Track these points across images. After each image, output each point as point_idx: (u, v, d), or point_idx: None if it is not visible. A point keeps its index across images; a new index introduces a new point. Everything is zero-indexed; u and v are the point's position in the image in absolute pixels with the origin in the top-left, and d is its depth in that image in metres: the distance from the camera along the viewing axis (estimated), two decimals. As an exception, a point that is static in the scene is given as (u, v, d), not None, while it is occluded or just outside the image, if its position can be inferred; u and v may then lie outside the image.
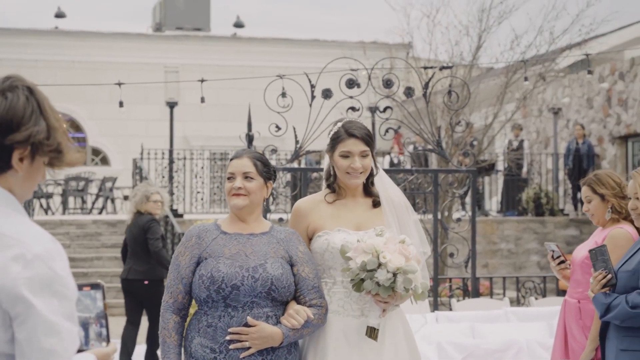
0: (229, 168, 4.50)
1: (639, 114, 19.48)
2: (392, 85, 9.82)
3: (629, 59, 20.17)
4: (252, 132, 9.94)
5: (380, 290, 4.25)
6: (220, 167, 25.41)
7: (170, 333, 4.34)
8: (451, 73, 14.10)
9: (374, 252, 4.27)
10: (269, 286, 4.29)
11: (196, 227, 4.51)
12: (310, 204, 4.72)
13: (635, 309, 4.83)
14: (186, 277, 4.38)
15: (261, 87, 10.14)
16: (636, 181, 5.07)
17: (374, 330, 4.38)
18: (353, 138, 4.60)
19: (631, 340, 4.94)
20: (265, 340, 4.25)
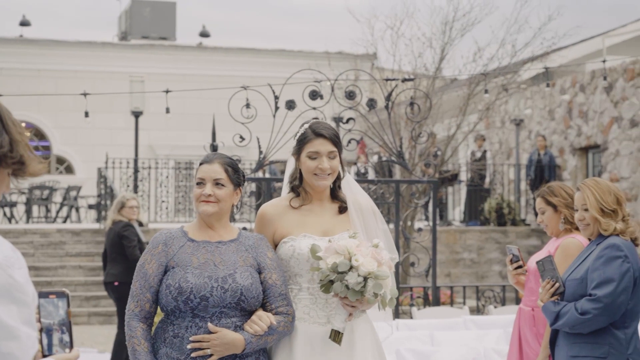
0: (199, 173, 4.36)
1: (599, 126, 19.76)
2: (354, 96, 9.97)
3: (590, 71, 20.47)
4: (216, 142, 10.05)
5: (349, 294, 4.16)
6: (185, 176, 25.45)
7: (140, 340, 4.19)
8: (414, 85, 14.29)
9: (347, 254, 4.19)
10: (238, 297, 4.19)
11: (162, 234, 4.37)
12: (276, 209, 4.58)
13: (585, 315, 4.98)
14: (154, 285, 4.24)
15: (226, 97, 10.27)
16: (584, 193, 5.23)
17: (338, 334, 4.28)
18: (321, 138, 4.51)
19: (581, 346, 5.09)
20: (227, 346, 4.15)
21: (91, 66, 28.59)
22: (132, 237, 11.24)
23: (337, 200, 4.64)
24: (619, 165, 19.04)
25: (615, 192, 5.18)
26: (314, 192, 4.59)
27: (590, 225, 5.20)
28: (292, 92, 9.78)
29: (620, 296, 4.98)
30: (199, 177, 4.36)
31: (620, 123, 19.04)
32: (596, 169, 20.45)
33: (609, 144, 19.42)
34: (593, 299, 4.99)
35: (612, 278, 4.99)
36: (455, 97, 19.88)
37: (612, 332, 5.04)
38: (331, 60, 22.27)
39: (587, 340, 5.07)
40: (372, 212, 4.65)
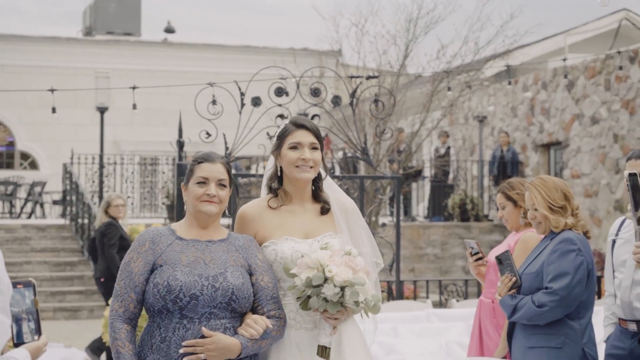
0: (201, 172, 4.20)
1: (561, 123, 20.02)
2: (319, 93, 10.08)
3: (552, 69, 20.73)
4: (182, 139, 10.12)
5: (328, 307, 4.05)
6: (150, 172, 25.46)
7: (124, 343, 4.02)
8: (378, 82, 14.44)
9: (319, 267, 4.06)
10: (229, 296, 4.04)
11: (149, 232, 4.21)
12: (256, 210, 4.45)
13: (541, 307, 5.15)
14: (139, 284, 4.08)
15: (191, 93, 10.35)
16: (531, 193, 5.40)
17: (326, 350, 4.16)
18: (302, 129, 4.40)
19: (537, 337, 5.25)
20: (222, 352, 3.98)
21: (56, 62, 28.50)
22: (112, 236, 11.70)
23: (319, 202, 4.51)
24: (580, 162, 19.30)
25: (562, 189, 5.35)
26: (295, 192, 4.46)
27: (542, 223, 5.37)
28: (258, 89, 9.87)
29: (575, 288, 5.16)
30: (201, 176, 4.20)
31: (581, 120, 19.30)
32: (558, 166, 20.71)
33: (570, 141, 19.68)
34: (549, 292, 5.16)
35: (567, 271, 5.16)
36: (419, 94, 20.06)
37: (568, 323, 5.21)
38: (296, 56, 22.38)
39: (544, 331, 5.24)
40: (357, 213, 4.55)
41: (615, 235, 5.61)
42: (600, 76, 18.66)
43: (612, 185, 18.20)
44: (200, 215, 4.20)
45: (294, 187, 4.45)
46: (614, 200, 17.94)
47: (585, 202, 18.71)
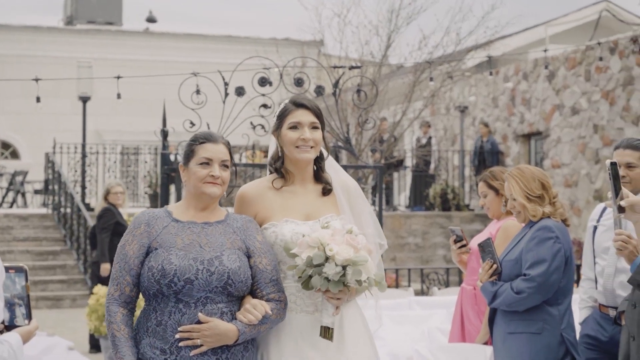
0: (204, 152, 4.08)
1: (542, 114, 20.15)
2: (302, 83, 10.15)
3: (532, 60, 20.85)
4: (167, 128, 10.17)
5: (330, 286, 3.96)
6: (133, 161, 25.47)
7: (120, 326, 3.94)
8: (361, 72, 14.51)
9: (320, 246, 3.99)
10: (225, 280, 3.95)
11: (145, 214, 4.13)
12: (257, 191, 4.35)
13: (520, 294, 5.26)
14: (134, 267, 4.00)
15: (174, 82, 10.41)
16: (509, 183, 5.51)
17: (329, 330, 4.07)
18: (302, 108, 4.30)
19: (517, 323, 5.37)
20: (219, 337, 3.91)
21: (37, 51, 28.44)
22: (106, 220, 11.90)
23: (321, 182, 4.41)
24: (560, 152, 19.45)
25: (540, 178, 5.45)
26: (296, 172, 4.36)
27: (521, 212, 5.48)
28: (242, 79, 9.93)
29: (553, 275, 5.27)
30: (205, 156, 4.08)
31: (561, 111, 19.44)
32: (538, 156, 20.85)
33: (550, 131, 19.81)
34: (527, 279, 5.27)
35: (545, 258, 5.27)
36: (401, 84, 20.14)
37: (546, 309, 5.33)
38: (278, 46, 22.40)
39: (523, 317, 5.35)
40: (360, 194, 4.46)
41: (597, 222, 5.73)
42: (581, 67, 18.80)
43: (592, 175, 18.35)
44: (203, 197, 4.09)
45: (295, 168, 4.35)
46: (594, 190, 18.10)
47: (565, 192, 18.86)
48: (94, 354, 11.14)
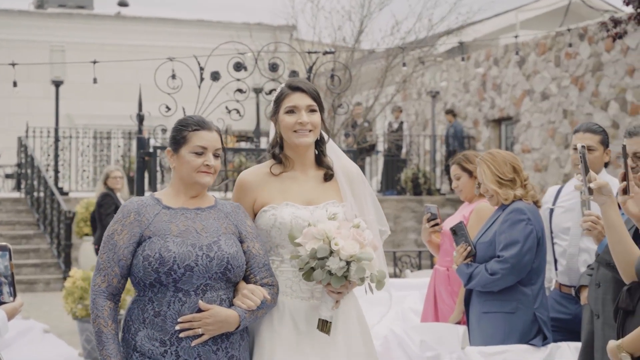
0: (199, 140, 3.95)
1: (512, 99, 20.35)
2: (277, 68, 10.25)
3: (503, 45, 21.03)
4: (142, 112, 10.24)
5: (332, 280, 3.87)
6: (106, 145, 25.44)
7: (107, 321, 3.81)
8: (334, 57, 14.62)
9: (325, 239, 3.88)
10: (225, 265, 3.85)
11: (133, 202, 3.98)
12: (257, 177, 4.24)
13: (494, 275, 5.43)
14: (124, 258, 3.86)
15: (147, 66, 10.48)
16: (481, 168, 5.67)
17: (327, 324, 3.98)
18: (298, 92, 4.19)
19: (492, 303, 5.54)
20: (220, 325, 3.81)
21: (8, 34, 28.27)
22: (108, 206, 12.27)
23: (322, 167, 4.28)
24: (530, 137, 19.66)
25: (511, 162, 5.62)
26: (296, 157, 4.25)
27: (493, 196, 5.64)
28: (216, 63, 10.01)
29: (526, 256, 5.43)
30: (200, 145, 3.95)
31: (532, 96, 19.63)
32: (509, 141, 21.05)
33: (521, 116, 20.01)
34: (501, 260, 5.44)
35: (517, 240, 5.44)
36: (374, 69, 20.27)
37: (520, 289, 5.50)
38: (251, 31, 22.47)
39: (497, 297, 5.52)
40: (362, 179, 4.34)
41: (553, 204, 5.92)
42: (551, 53, 18.99)
43: (561, 160, 18.57)
44: (195, 186, 3.98)
45: (294, 153, 4.23)
46: (563, 174, 18.32)
47: (536, 176, 19.08)
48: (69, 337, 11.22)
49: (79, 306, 9.98)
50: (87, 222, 16.62)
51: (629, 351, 3.40)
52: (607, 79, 17.20)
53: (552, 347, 5.49)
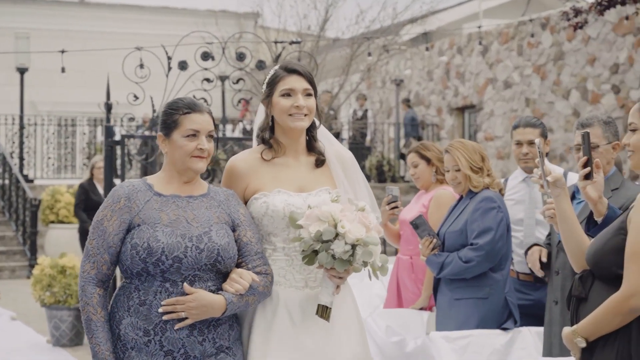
0: (190, 124, 3.81)
1: (475, 87, 20.56)
2: (244, 58, 10.36)
3: (467, 34, 21.22)
4: (110, 101, 10.30)
5: (336, 264, 3.73)
6: (71, 132, 25.38)
7: (96, 309, 3.70)
8: (300, 47, 14.73)
9: (331, 221, 3.75)
10: (215, 257, 3.73)
11: (124, 187, 3.84)
12: (247, 163, 4.10)
13: (469, 262, 5.57)
14: (114, 245, 3.73)
15: (113, 54, 10.53)
16: (454, 155, 5.80)
17: (326, 309, 3.84)
18: (295, 74, 4.05)
19: (464, 290, 5.68)
20: (204, 309, 3.67)
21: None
22: (77, 196, 13.22)
23: (314, 153, 4.16)
24: (493, 125, 19.89)
25: (479, 151, 5.79)
26: (288, 142, 4.12)
27: (461, 183, 5.80)
28: (183, 52, 10.09)
29: (498, 243, 5.61)
30: (192, 128, 3.81)
31: (494, 84, 19.85)
32: (472, 128, 21.26)
33: (484, 104, 20.23)
34: (475, 248, 5.59)
35: (491, 227, 5.60)
36: (339, 58, 20.38)
37: (491, 275, 5.66)
38: (215, 18, 22.49)
39: (470, 284, 5.67)
40: (355, 166, 4.23)
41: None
42: (513, 42, 19.21)
43: (523, 148, 18.80)
44: (188, 172, 3.85)
45: (287, 138, 4.11)
46: (525, 162, 18.57)
47: (498, 163, 19.32)
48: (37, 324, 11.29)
49: (47, 293, 10.04)
50: (52, 210, 16.67)
51: (584, 336, 3.56)
52: (569, 67, 17.45)
53: (514, 331, 5.65)
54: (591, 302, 3.59)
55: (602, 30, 16.35)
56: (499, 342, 5.58)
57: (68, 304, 10.03)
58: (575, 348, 3.61)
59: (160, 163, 10.09)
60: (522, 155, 5.89)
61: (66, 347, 10.04)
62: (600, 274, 3.60)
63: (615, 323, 3.47)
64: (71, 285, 10.00)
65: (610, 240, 3.56)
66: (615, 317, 3.46)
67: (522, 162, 5.92)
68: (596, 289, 3.61)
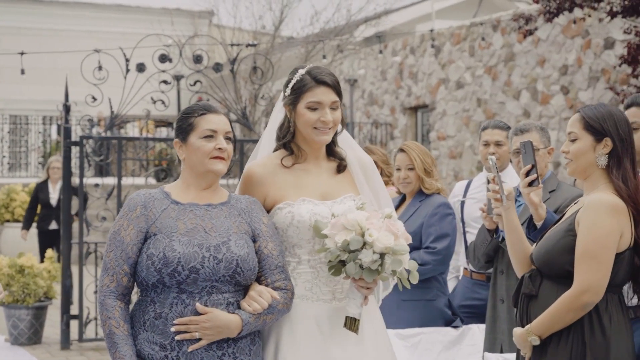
0: (207, 124, 3.68)
1: (428, 87, 20.80)
2: (202, 60, 10.52)
3: (420, 34, 21.46)
4: (69, 102, 10.40)
5: (364, 274, 3.59)
6: (25, 131, 25.30)
7: (119, 322, 3.54)
8: (255, 50, 14.90)
9: (358, 229, 3.61)
10: (233, 268, 3.57)
11: (140, 195, 3.71)
12: (267, 169, 3.92)
13: (425, 265, 5.70)
14: (133, 255, 3.59)
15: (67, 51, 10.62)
16: (410, 154, 5.97)
17: (355, 322, 3.70)
18: (323, 86, 3.87)
19: (413, 291, 5.75)
20: (219, 330, 3.51)
21: None
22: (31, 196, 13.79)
23: (334, 158, 4.03)
24: (445, 125, 20.14)
25: (430, 155, 6.01)
26: (309, 149, 3.97)
27: (412, 183, 5.98)
28: (141, 53, 10.20)
29: (452, 248, 5.84)
30: (209, 128, 3.68)
31: (447, 85, 20.10)
32: (425, 128, 21.49)
33: (436, 104, 20.46)
34: (433, 252, 5.76)
35: (448, 233, 5.81)
36: (293, 57, 20.53)
37: (437, 278, 5.88)
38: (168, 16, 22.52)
39: (418, 285, 5.75)
40: (375, 171, 4.12)
41: (464, 197, 6.35)
42: (465, 42, 19.47)
43: (475, 147, 19.08)
44: (208, 176, 3.72)
45: (308, 147, 3.95)
46: (477, 161, 18.83)
47: (450, 163, 19.59)
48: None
49: (5, 292, 10.12)
50: (8, 209, 16.69)
51: (538, 334, 3.81)
52: (519, 69, 17.75)
53: (464, 328, 5.86)
54: (541, 299, 3.85)
55: (552, 32, 16.67)
56: (449, 339, 5.78)
57: (26, 303, 10.12)
58: (527, 347, 3.86)
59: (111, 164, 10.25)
60: (488, 155, 6.12)
61: (24, 346, 10.13)
62: (549, 272, 3.87)
63: (568, 319, 3.74)
64: (29, 284, 10.09)
65: (560, 241, 3.84)
66: (569, 313, 3.73)
67: (487, 162, 6.14)
68: (545, 286, 3.87)
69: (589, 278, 3.70)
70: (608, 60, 15.18)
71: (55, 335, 10.63)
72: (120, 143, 10.55)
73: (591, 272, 3.70)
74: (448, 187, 17.83)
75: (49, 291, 10.41)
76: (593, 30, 15.52)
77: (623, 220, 3.78)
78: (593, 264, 3.70)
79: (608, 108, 3.92)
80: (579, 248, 3.75)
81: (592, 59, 15.61)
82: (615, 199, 3.80)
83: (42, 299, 10.33)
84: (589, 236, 3.73)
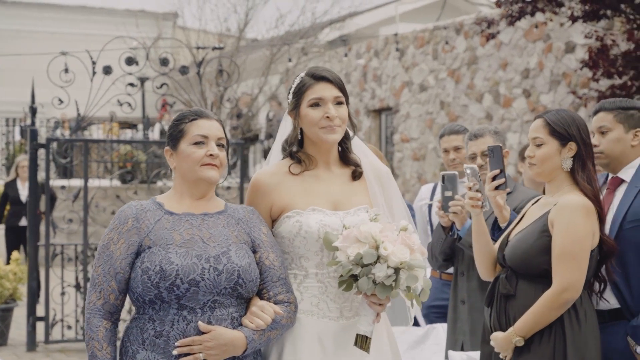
0: (198, 129, 3.49)
1: (392, 90, 20.93)
2: (168, 63, 10.59)
3: (383, 37, 21.60)
4: (35, 105, 10.43)
5: (377, 290, 3.39)
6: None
7: (102, 344, 3.35)
8: (220, 53, 14.97)
9: (372, 242, 3.40)
10: (235, 279, 3.37)
11: (131, 207, 3.50)
12: (273, 178, 3.72)
13: None
14: (122, 271, 3.39)
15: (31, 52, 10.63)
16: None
17: (366, 340, 3.49)
18: (323, 82, 3.69)
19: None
20: (224, 348, 3.32)
21: None
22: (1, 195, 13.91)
23: (349, 165, 3.82)
24: (409, 127, 20.28)
25: (384, 158, 6.11)
26: (319, 154, 3.75)
27: None
28: (107, 56, 10.26)
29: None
30: (199, 134, 3.49)
31: (410, 87, 20.24)
32: (388, 130, 21.62)
33: (400, 107, 20.60)
34: None
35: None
36: (258, 60, 20.59)
37: None
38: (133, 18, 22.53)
39: None
40: (392, 180, 3.91)
41: (430, 200, 6.46)
42: (429, 46, 19.63)
43: (438, 150, 19.16)
44: (199, 184, 3.53)
45: (318, 151, 3.76)
46: (440, 163, 19.00)
47: (414, 165, 19.74)
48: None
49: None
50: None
51: (521, 335, 3.96)
52: (482, 72, 17.93)
53: (429, 328, 5.98)
54: (520, 299, 4.01)
55: (514, 36, 16.87)
56: (414, 337, 5.90)
57: (-8, 305, 10.15)
58: (509, 349, 3.99)
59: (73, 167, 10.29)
60: (450, 162, 6.20)
61: (-10, 348, 10.16)
62: (526, 272, 4.03)
63: (551, 317, 3.90)
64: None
65: (536, 242, 3.99)
66: (552, 312, 3.89)
67: (451, 168, 6.22)
68: (523, 286, 4.02)
69: (569, 277, 3.87)
70: (569, 64, 15.40)
71: (21, 337, 10.64)
72: (86, 145, 10.59)
73: (571, 271, 3.87)
74: (412, 189, 18.02)
75: (15, 293, 10.42)
76: (554, 35, 15.74)
77: (594, 220, 3.98)
78: (572, 263, 3.88)
79: (569, 113, 4.09)
80: (556, 248, 3.92)
81: (554, 63, 15.83)
82: (586, 200, 3.98)
83: (8, 300, 10.34)
84: (567, 237, 3.89)
